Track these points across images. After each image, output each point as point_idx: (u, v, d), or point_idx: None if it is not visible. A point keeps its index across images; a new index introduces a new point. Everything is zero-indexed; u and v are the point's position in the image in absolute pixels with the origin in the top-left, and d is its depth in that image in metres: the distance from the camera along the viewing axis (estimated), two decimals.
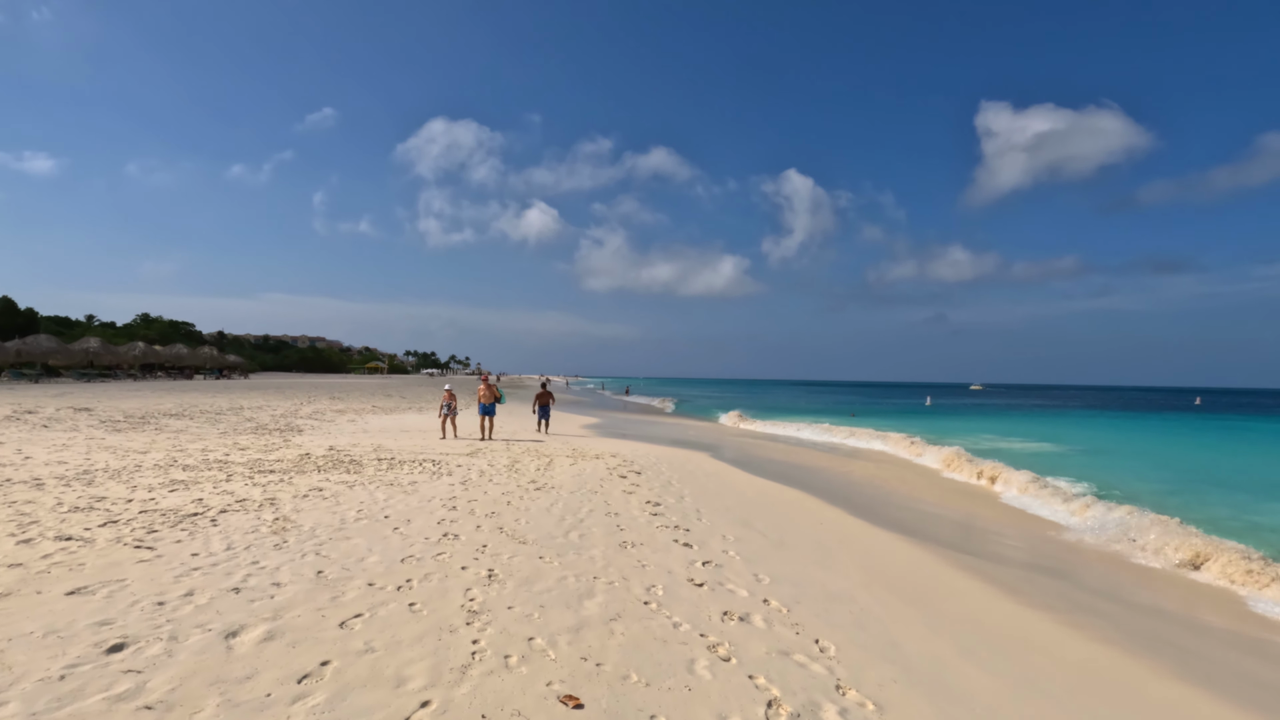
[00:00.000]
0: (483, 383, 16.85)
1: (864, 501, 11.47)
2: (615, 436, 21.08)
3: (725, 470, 13.97)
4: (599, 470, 11.49)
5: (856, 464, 17.35)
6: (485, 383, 16.85)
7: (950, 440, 23.98)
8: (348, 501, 7.58)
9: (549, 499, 8.39)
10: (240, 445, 13.55)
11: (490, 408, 16.41)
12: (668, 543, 6.65)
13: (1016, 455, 20.03)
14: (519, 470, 10.91)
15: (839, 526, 9.24)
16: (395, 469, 10.65)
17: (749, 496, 10.91)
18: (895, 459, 19.32)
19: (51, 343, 37.96)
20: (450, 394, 16.51)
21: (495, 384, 16.65)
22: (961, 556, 7.95)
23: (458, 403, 16.62)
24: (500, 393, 16.83)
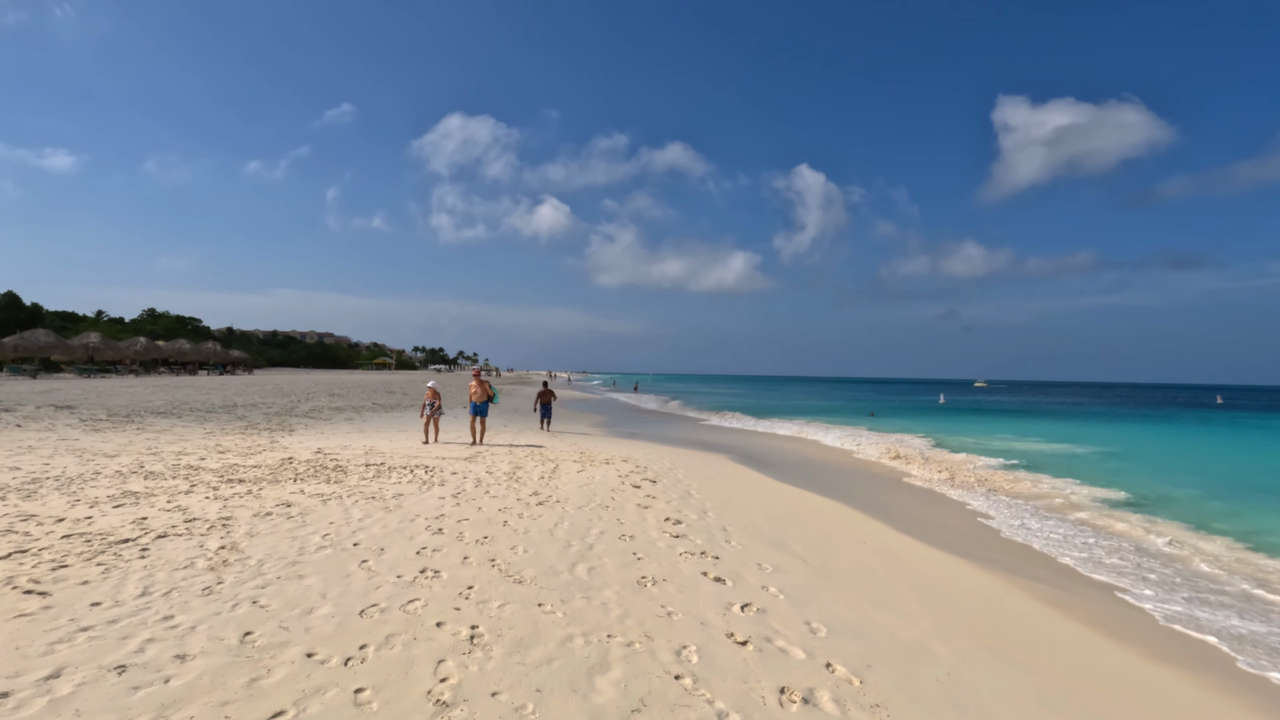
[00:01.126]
0: (474, 379, 14.78)
1: (902, 512, 10.26)
2: (624, 437, 19.93)
3: (746, 476, 12.78)
4: (609, 478, 10.34)
5: (881, 468, 16.11)
6: (477, 379, 14.75)
7: (965, 440, 22.69)
8: (316, 521, 6.45)
9: (553, 517, 7.23)
10: (221, 447, 12.49)
11: (482, 408, 14.48)
12: (695, 577, 5.48)
13: (1037, 458, 18.71)
14: (520, 479, 9.77)
15: (883, 545, 8.05)
16: (382, 477, 9.53)
17: (776, 509, 9.73)
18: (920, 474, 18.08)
19: (50, 338, 37.20)
20: (433, 391, 14.57)
21: (488, 380, 14.83)
22: (1036, 585, 6.72)
23: (441, 401, 14.77)
24: (494, 390, 14.84)
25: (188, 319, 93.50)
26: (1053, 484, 13.73)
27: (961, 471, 15.16)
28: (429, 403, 14.47)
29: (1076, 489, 13.17)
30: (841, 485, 12.74)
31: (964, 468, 15.87)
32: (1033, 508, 11.23)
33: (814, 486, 12.31)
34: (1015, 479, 14.23)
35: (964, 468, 15.87)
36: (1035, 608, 6.21)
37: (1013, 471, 15.46)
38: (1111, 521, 10.33)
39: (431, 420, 14.49)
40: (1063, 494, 12.63)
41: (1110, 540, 9.14)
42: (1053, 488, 13.28)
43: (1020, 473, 15.26)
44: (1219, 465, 18.70)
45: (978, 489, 12.92)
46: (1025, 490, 12.98)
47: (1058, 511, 11.04)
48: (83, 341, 40.42)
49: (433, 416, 14.44)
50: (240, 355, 62.61)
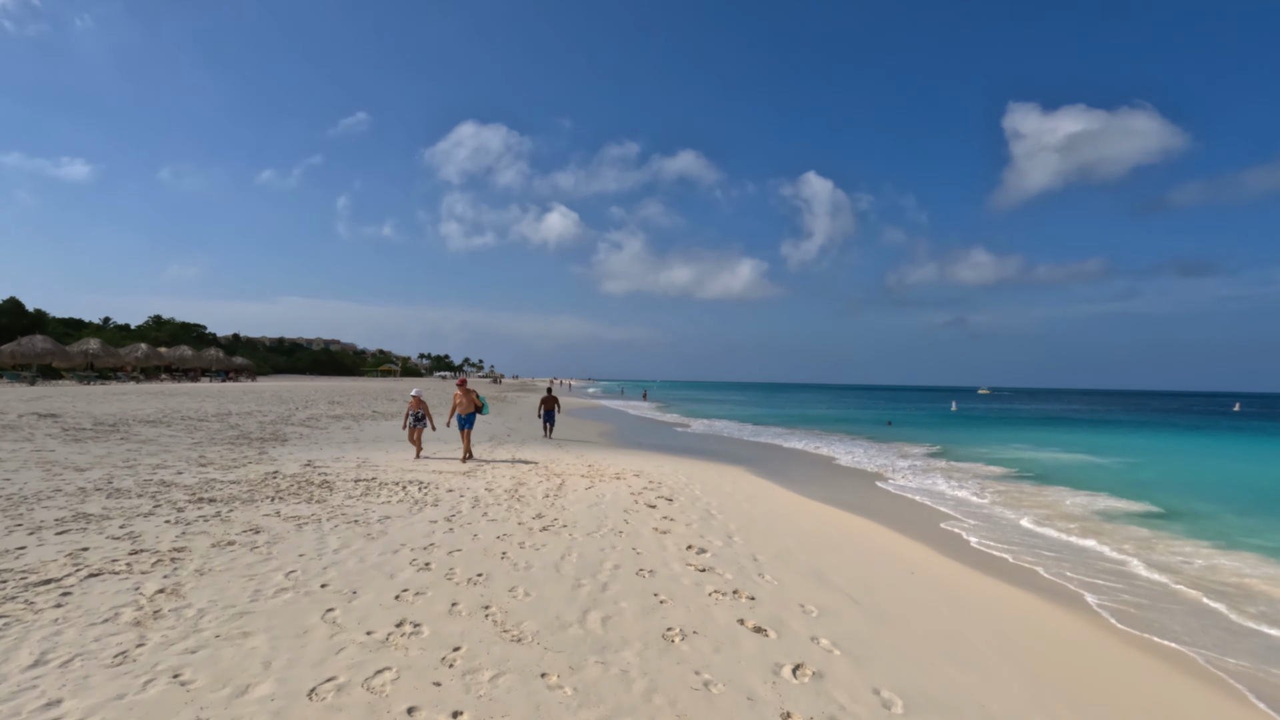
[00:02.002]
0: (459, 388, 13.10)
1: (938, 532, 9.25)
2: (632, 447, 18.98)
3: (767, 491, 11.81)
4: (621, 496, 9.39)
5: (915, 482, 15.09)
6: (463, 388, 13.09)
7: (979, 451, 21.56)
8: (283, 554, 5.52)
9: (559, 546, 6.28)
10: (204, 459, 11.62)
11: (470, 419, 12.96)
12: (732, 627, 4.53)
13: (1056, 469, 17.63)
14: (522, 498, 8.82)
15: (934, 575, 7.08)
16: (370, 495, 8.61)
17: (806, 530, 8.76)
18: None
19: (47, 344, 36.58)
20: (418, 400, 12.93)
21: (475, 390, 13.43)
22: (1144, 637, 5.71)
23: (429, 411, 13.15)
24: (482, 400, 13.18)
25: (192, 326, 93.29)
26: (1109, 504, 12.67)
27: (1001, 489, 14.13)
28: (412, 413, 12.85)
29: (1134, 514, 12.12)
30: (868, 500, 11.73)
31: (1002, 486, 14.84)
32: (1086, 534, 10.20)
33: (840, 502, 11.33)
34: (1042, 493, 13.19)
35: (1002, 486, 14.84)
36: (1138, 659, 5.23)
37: (1045, 486, 14.41)
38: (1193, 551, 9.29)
39: (417, 433, 12.93)
40: (1113, 516, 11.59)
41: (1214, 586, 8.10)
42: (1107, 510, 12.23)
43: (1059, 489, 14.21)
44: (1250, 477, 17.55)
45: (1023, 507, 11.88)
46: (1072, 510, 11.93)
47: (1140, 547, 10.00)
48: (82, 348, 39.80)
49: (417, 429, 12.87)
50: (243, 362, 62.02)
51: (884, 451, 20.89)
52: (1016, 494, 13.17)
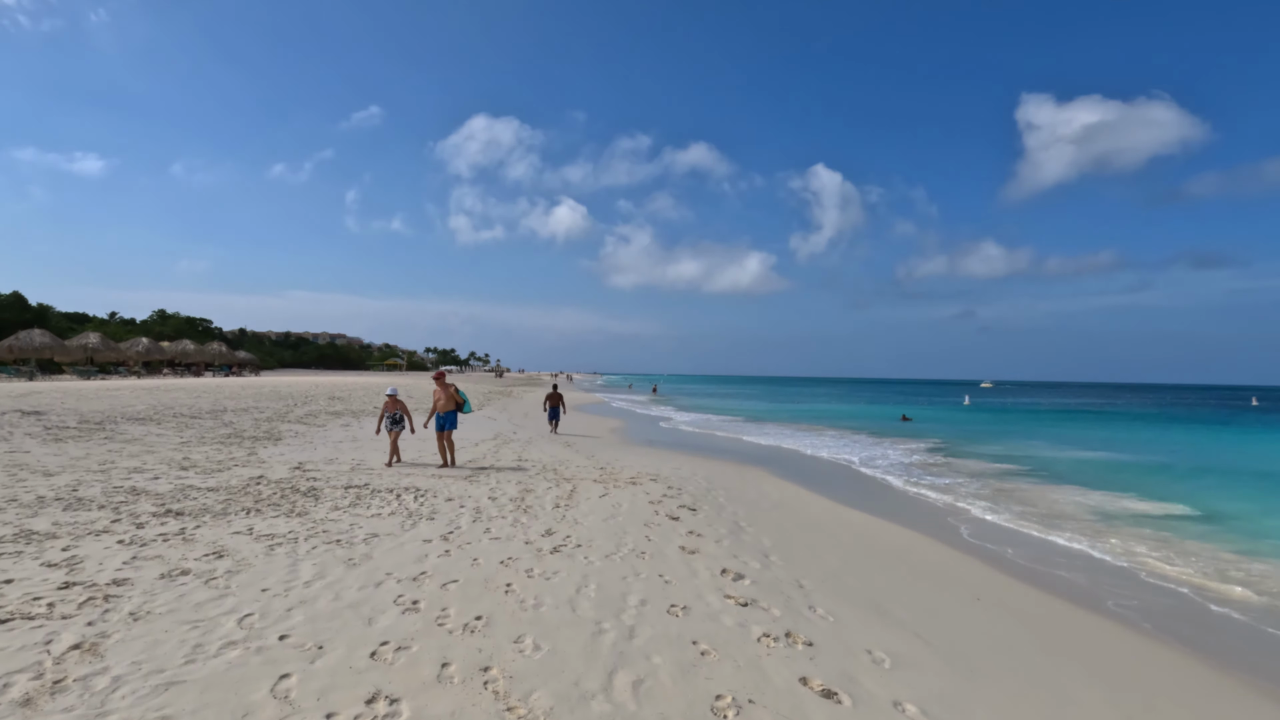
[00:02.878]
0: (437, 383, 11.47)
1: (985, 544, 8.26)
2: (644, 444, 18.06)
3: (795, 496, 10.86)
4: (639, 505, 8.46)
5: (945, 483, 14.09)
6: (440, 383, 11.45)
7: (993, 447, 20.41)
8: (243, 588, 4.61)
9: (574, 574, 5.34)
10: (187, 462, 10.75)
11: (450, 419, 11.21)
12: (794, 690, 3.58)
13: (1079, 468, 16.57)
14: (530, 508, 7.89)
15: (1005, 601, 6.11)
16: (360, 505, 7.71)
17: (846, 542, 7.81)
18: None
19: (45, 338, 35.92)
20: (394, 400, 11.25)
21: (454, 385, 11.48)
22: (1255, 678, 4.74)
23: (409, 412, 11.53)
24: (464, 397, 11.54)
25: (197, 320, 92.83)
26: (1156, 508, 11.66)
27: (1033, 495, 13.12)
28: (389, 415, 11.22)
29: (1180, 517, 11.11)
30: (900, 506, 10.74)
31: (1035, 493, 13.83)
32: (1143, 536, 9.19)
33: (872, 508, 10.36)
34: (1095, 499, 12.16)
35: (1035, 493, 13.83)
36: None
37: (1095, 492, 13.38)
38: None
39: (392, 437, 11.30)
40: (1167, 521, 10.58)
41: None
42: (1162, 513, 11.22)
43: (1117, 497, 13.18)
44: None
45: (1068, 523, 10.88)
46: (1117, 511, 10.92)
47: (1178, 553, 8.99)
48: (81, 342, 39.16)
49: (394, 433, 11.24)
50: (247, 356, 61.41)
51: (907, 450, 19.88)
52: (1065, 505, 12.16)
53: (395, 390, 11.55)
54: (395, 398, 11.37)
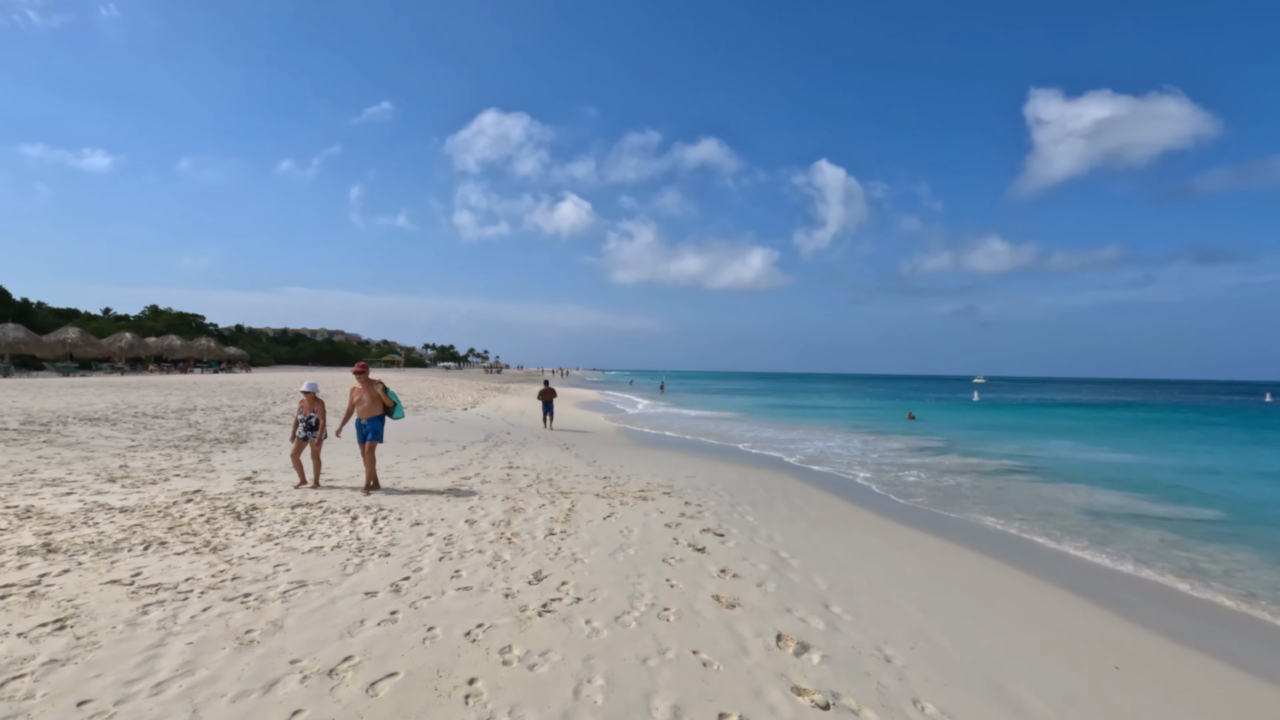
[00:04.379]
0: (359, 381, 8.57)
1: (1082, 576, 6.62)
2: (650, 446, 16.42)
3: (833, 509, 9.24)
4: (653, 531, 6.82)
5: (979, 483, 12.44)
6: (363, 378, 8.57)
7: (1006, 445, 18.67)
8: (53, 699, 2.98)
9: (572, 654, 3.70)
10: (117, 473, 9.13)
11: (374, 427, 8.48)
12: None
13: (1107, 472, 14.88)
14: (516, 536, 6.25)
15: (1161, 668, 4.49)
16: (303, 531, 6.08)
17: (920, 581, 6.18)
18: None
19: (20, 333, 34.26)
20: (311, 399, 8.67)
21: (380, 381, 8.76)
22: None
23: (324, 416, 8.73)
24: (394, 398, 8.70)
25: (191, 316, 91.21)
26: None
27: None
28: (303, 418, 8.58)
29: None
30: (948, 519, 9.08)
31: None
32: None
33: (921, 523, 8.73)
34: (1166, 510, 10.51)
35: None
36: None
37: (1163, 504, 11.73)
38: None
39: (309, 449, 8.72)
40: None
41: None
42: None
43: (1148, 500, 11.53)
44: None
45: (1175, 554, 9.24)
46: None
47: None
48: (60, 338, 37.49)
49: (313, 442, 8.56)
50: (237, 352, 59.72)
51: (920, 450, 18.24)
52: (1158, 528, 10.53)
53: (315, 386, 8.86)
54: (314, 396, 8.74)
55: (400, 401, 8.87)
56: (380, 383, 8.64)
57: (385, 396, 8.58)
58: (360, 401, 8.53)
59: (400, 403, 8.81)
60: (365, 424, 8.53)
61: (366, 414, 8.50)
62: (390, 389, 8.73)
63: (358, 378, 8.62)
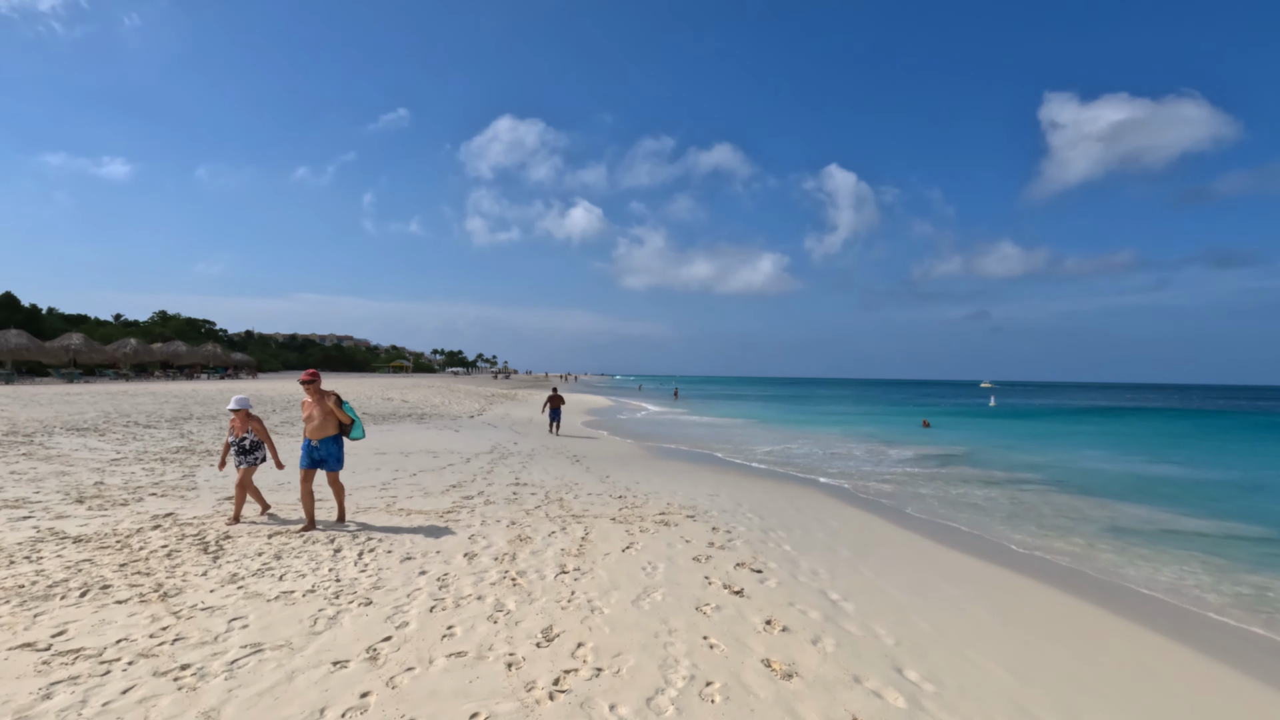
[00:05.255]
0: (307, 393, 6.93)
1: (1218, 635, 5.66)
2: (665, 456, 15.51)
3: (876, 531, 8.30)
4: (680, 564, 5.93)
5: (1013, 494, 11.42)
6: (313, 390, 6.90)
7: (1037, 456, 17.54)
8: None
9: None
10: (90, 490, 8.34)
11: (329, 450, 6.86)
12: None
13: (1160, 488, 13.78)
14: (522, 576, 5.36)
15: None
16: (274, 568, 5.23)
17: (986, 624, 5.24)
18: None
19: (23, 339, 33.85)
20: (244, 418, 6.99)
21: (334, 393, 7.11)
22: None
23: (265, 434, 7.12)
24: (352, 414, 7.01)
25: (199, 321, 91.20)
26: None
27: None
28: (234, 442, 6.93)
29: None
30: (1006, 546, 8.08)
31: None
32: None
33: (966, 545, 7.76)
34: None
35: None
36: None
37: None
38: None
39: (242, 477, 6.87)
40: None
41: None
42: None
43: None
44: None
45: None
46: None
47: None
48: (64, 344, 37.07)
49: (244, 469, 6.90)
50: (243, 358, 59.33)
51: (958, 462, 17.22)
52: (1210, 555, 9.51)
53: (246, 401, 7.09)
54: (247, 413, 7.03)
55: (359, 418, 7.23)
56: (334, 394, 6.98)
57: (340, 411, 6.83)
58: (310, 419, 6.78)
59: (360, 420, 7.15)
60: (317, 447, 6.78)
61: (317, 434, 6.76)
62: (347, 402, 7.11)
63: (305, 388, 6.89)
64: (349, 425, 7.02)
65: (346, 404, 7.04)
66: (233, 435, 7.02)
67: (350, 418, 6.97)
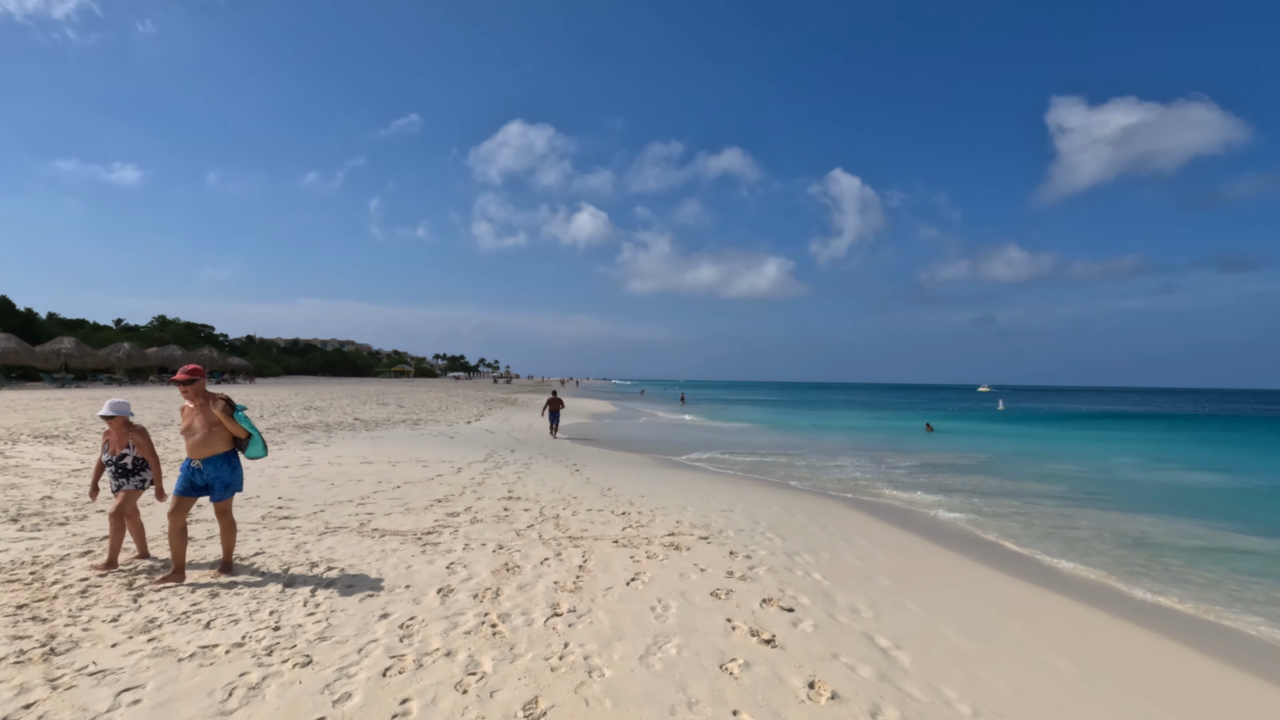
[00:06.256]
0: (185, 397, 5.08)
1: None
2: (672, 465, 14.54)
3: (904, 548, 7.32)
4: (696, 602, 4.97)
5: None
6: (191, 395, 5.06)
7: (1060, 465, 16.46)
8: None
9: None
10: (32, 506, 7.44)
11: (215, 474, 5.02)
12: None
13: (1211, 501, 12.70)
14: (505, 622, 4.39)
15: None
16: (203, 610, 4.29)
17: (1071, 679, 4.28)
18: None
19: (12, 343, 33.08)
20: (121, 427, 5.28)
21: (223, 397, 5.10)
22: None
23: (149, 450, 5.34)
24: (249, 427, 5.13)
25: (199, 326, 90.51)
26: None
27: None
28: (109, 460, 5.33)
29: None
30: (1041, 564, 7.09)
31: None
32: None
33: (1014, 568, 6.77)
34: None
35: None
36: None
37: None
38: None
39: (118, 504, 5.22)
40: None
41: None
42: None
43: None
44: None
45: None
46: None
47: None
48: (55, 348, 36.29)
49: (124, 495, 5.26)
50: (240, 362, 58.54)
51: (977, 471, 16.21)
52: None
53: (124, 407, 5.32)
54: (126, 422, 5.30)
55: (260, 432, 5.57)
56: (223, 399, 5.01)
57: (232, 422, 4.98)
58: (189, 431, 4.94)
59: (259, 434, 5.24)
60: (200, 469, 4.96)
61: (200, 450, 4.93)
62: (243, 409, 5.20)
63: (183, 391, 5.06)
64: (245, 440, 5.18)
65: (241, 411, 5.17)
66: (108, 452, 5.31)
67: (246, 430, 5.12)
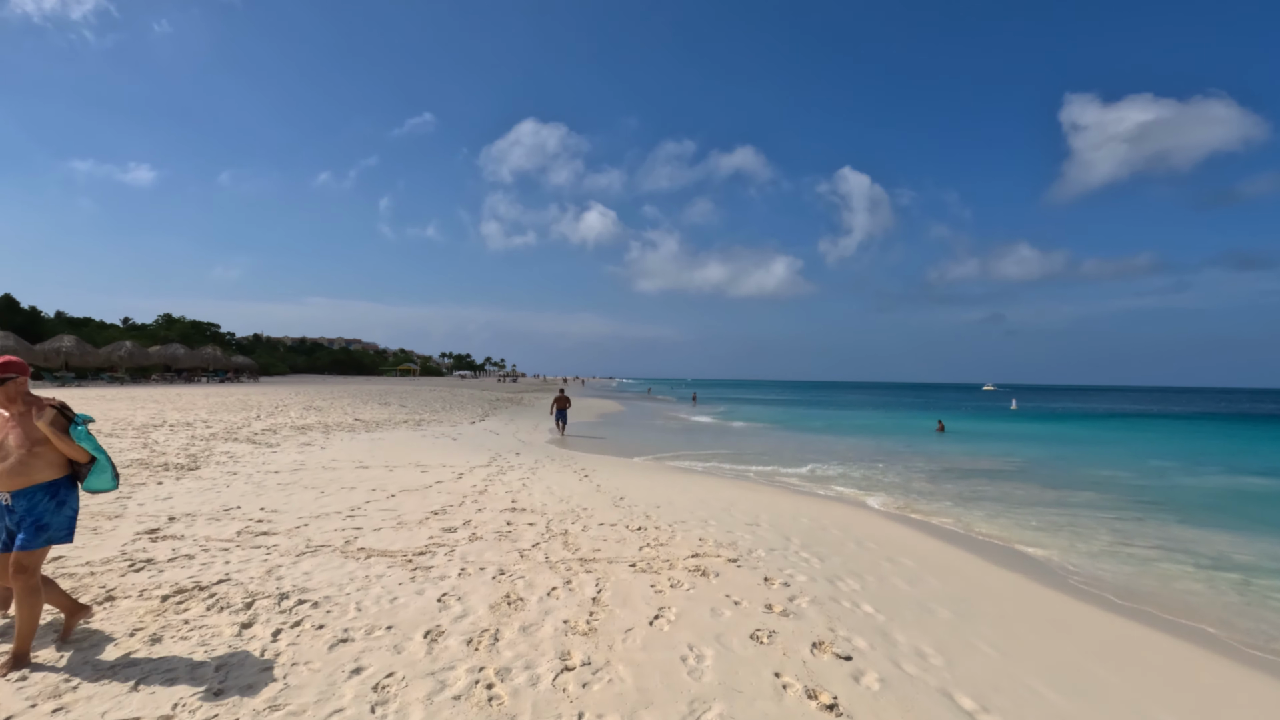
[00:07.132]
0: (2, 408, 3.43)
1: None
2: (689, 472, 13.69)
3: (955, 569, 6.47)
4: (735, 648, 4.14)
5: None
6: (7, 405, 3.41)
7: (1096, 469, 15.49)
8: None
9: None
10: None
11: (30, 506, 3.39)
12: None
13: (1259, 508, 11.73)
14: (505, 681, 3.57)
15: None
16: (153, 647, 3.50)
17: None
18: None
19: (10, 340, 32.59)
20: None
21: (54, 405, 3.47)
22: None
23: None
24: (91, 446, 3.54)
25: (205, 324, 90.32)
26: None
27: None
28: None
29: None
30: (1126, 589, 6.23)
31: None
32: None
33: (1091, 596, 5.91)
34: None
35: None
36: None
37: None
38: None
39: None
40: None
41: None
42: None
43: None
44: None
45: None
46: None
47: None
48: (55, 346, 35.81)
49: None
50: (244, 361, 58.07)
51: (1009, 478, 15.29)
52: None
53: None
54: None
55: (108, 454, 3.82)
56: (54, 405, 3.49)
57: (66, 440, 3.45)
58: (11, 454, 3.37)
59: (107, 456, 3.65)
60: (9, 505, 3.42)
61: (11, 479, 3.37)
62: (84, 420, 3.61)
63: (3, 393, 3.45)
64: (84, 464, 3.59)
65: (80, 426, 3.56)
66: None
67: (88, 452, 3.55)
